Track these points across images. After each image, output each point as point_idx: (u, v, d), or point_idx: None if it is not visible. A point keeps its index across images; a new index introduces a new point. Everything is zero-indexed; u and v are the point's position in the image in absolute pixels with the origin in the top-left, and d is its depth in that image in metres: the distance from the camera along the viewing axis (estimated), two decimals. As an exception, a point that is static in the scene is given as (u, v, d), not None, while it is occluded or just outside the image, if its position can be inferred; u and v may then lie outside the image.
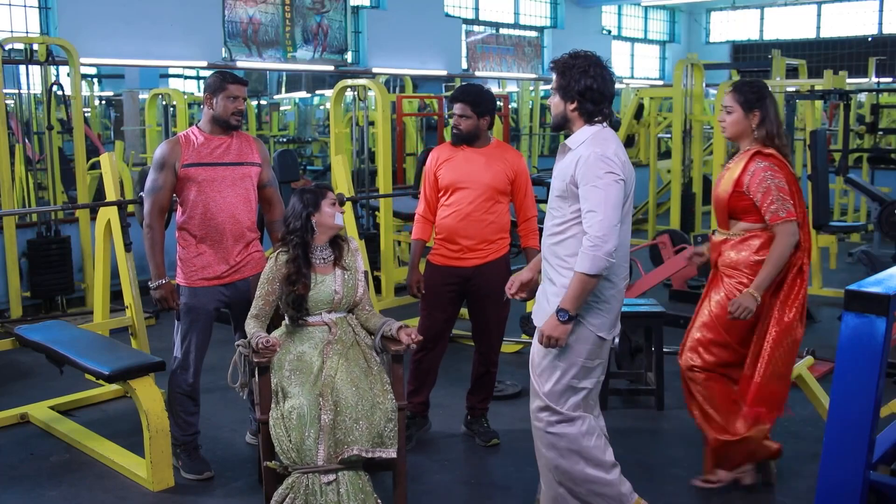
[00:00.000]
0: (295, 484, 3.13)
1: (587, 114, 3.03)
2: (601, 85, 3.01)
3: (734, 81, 3.58)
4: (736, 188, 3.44)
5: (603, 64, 3.05)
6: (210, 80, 3.85)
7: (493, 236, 4.07)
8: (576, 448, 3.08)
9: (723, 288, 3.53)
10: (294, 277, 3.40)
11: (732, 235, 3.51)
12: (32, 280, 6.67)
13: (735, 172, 3.45)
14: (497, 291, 4.09)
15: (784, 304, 3.40)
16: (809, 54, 16.32)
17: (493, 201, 4.03)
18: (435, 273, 4.13)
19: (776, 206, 3.35)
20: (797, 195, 3.42)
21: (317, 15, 10.60)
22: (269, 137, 11.61)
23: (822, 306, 6.83)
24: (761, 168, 3.39)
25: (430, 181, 4.14)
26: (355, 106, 7.84)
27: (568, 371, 3.06)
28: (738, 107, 3.47)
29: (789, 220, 3.34)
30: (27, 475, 3.96)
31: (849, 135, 8.14)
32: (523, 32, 14.38)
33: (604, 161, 2.92)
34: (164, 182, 3.78)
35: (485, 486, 3.82)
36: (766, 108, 3.45)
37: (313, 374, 3.26)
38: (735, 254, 3.48)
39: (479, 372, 4.27)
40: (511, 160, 4.09)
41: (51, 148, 6.78)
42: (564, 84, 3.03)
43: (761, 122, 3.45)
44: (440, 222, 4.11)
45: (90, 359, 3.94)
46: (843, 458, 2.23)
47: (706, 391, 3.59)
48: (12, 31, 8.06)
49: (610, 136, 3.04)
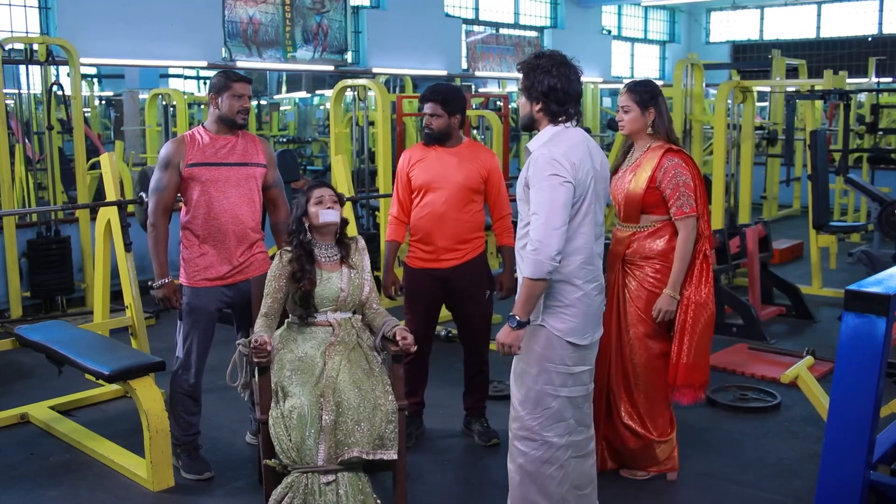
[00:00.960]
0: (294, 483, 3.13)
1: (551, 114, 3.00)
2: (565, 84, 2.97)
3: (629, 82, 3.76)
4: (650, 184, 3.61)
5: (567, 63, 3.01)
6: (214, 79, 3.84)
7: (468, 235, 4.07)
8: (531, 469, 3.04)
9: (634, 279, 3.67)
10: (299, 274, 3.42)
11: (642, 228, 3.68)
12: (32, 280, 6.67)
13: (647, 169, 3.62)
14: (476, 291, 4.12)
15: (698, 284, 3.61)
16: (809, 54, 16.32)
17: (467, 201, 4.04)
18: (413, 276, 4.13)
19: (681, 201, 3.58)
20: (700, 188, 3.66)
21: (317, 15, 10.61)
22: (270, 137, 11.60)
23: (822, 306, 6.83)
24: (672, 165, 3.60)
25: (403, 182, 4.13)
26: (355, 106, 7.84)
27: (539, 377, 3.01)
28: (634, 105, 3.65)
29: (691, 215, 3.59)
30: (27, 475, 3.96)
31: (849, 135, 8.13)
32: (523, 32, 14.39)
33: (549, 163, 2.88)
34: (168, 182, 3.78)
35: (485, 486, 3.82)
36: (659, 106, 3.65)
37: (315, 374, 3.27)
38: (649, 244, 3.65)
39: (472, 372, 4.28)
40: (484, 159, 4.09)
41: (51, 148, 6.78)
42: (529, 84, 3.01)
43: (655, 119, 3.65)
44: (415, 223, 4.11)
45: (90, 359, 3.94)
46: (843, 458, 2.23)
47: (648, 387, 3.71)
48: (12, 31, 8.06)
49: (569, 136, 2.98)
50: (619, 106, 3.71)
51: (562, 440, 3.04)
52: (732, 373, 5.29)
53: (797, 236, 9.38)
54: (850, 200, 10.60)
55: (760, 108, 12.71)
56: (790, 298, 6.68)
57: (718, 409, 4.69)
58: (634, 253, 3.67)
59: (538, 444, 3.03)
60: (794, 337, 6.19)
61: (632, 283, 3.68)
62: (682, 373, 3.61)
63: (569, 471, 3.08)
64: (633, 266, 3.68)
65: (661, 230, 3.65)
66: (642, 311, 3.66)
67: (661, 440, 3.74)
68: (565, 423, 3.05)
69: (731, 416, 4.61)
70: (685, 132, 8.53)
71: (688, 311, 3.60)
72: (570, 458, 3.09)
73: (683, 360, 3.60)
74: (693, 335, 3.59)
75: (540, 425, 3.02)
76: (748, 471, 3.93)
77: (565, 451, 3.06)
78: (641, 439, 3.73)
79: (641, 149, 3.71)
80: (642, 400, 3.72)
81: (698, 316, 3.60)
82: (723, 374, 5.28)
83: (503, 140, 8.21)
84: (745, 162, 8.06)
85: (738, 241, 6.48)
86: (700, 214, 3.63)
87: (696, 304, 3.60)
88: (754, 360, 5.51)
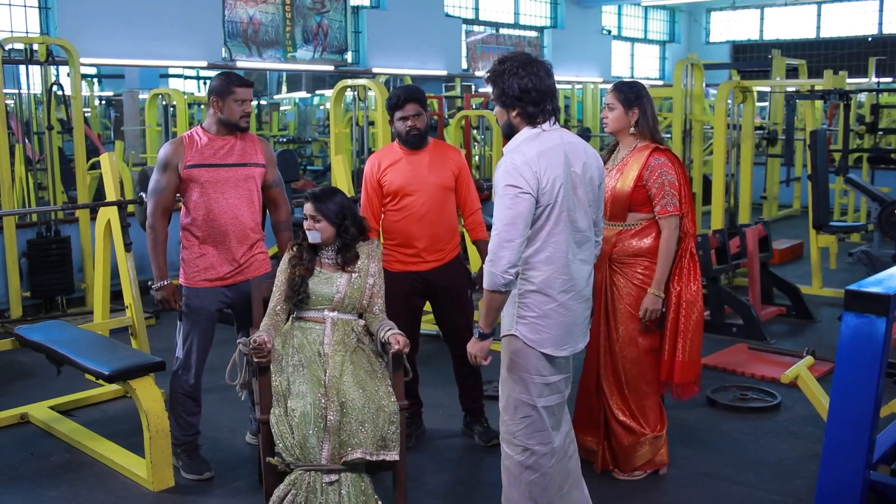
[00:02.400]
0: (297, 481, 3.13)
1: (529, 116, 2.90)
2: (536, 83, 2.86)
3: (616, 82, 3.83)
4: (637, 182, 3.67)
5: (534, 61, 2.90)
6: (215, 82, 3.81)
7: (447, 236, 4.09)
8: (515, 473, 3.05)
9: (622, 277, 3.71)
10: (296, 261, 3.50)
11: (629, 226, 3.73)
12: (32, 280, 6.67)
13: (635, 168, 3.67)
14: (458, 290, 4.12)
15: (688, 282, 3.70)
16: (809, 54, 16.32)
17: (444, 201, 4.05)
18: (394, 280, 3.99)
19: (666, 200, 3.65)
20: (685, 187, 3.72)
21: (317, 15, 10.61)
22: (270, 137, 11.61)
23: (822, 306, 6.83)
24: (659, 164, 3.67)
25: (374, 187, 4.06)
26: (355, 106, 7.85)
27: (516, 386, 2.99)
28: (619, 104, 3.71)
29: (674, 214, 3.66)
30: (27, 475, 3.96)
31: (849, 135, 8.12)
32: (523, 32, 14.39)
33: (509, 173, 2.79)
34: (166, 183, 3.78)
35: (484, 487, 3.82)
36: (643, 106, 3.71)
37: (317, 373, 3.27)
38: (637, 242, 3.71)
39: (463, 373, 4.26)
40: (452, 157, 4.12)
41: (51, 148, 6.78)
42: (500, 92, 2.91)
43: (639, 118, 3.70)
44: (391, 227, 4.08)
45: (90, 359, 3.94)
46: (843, 458, 2.24)
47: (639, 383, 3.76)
48: (12, 31, 8.06)
49: (540, 141, 2.88)
50: (605, 104, 3.78)
51: (544, 448, 3.01)
52: (732, 373, 5.28)
53: (797, 236, 9.38)
54: (850, 200, 10.60)
55: (760, 108, 12.71)
56: (790, 298, 6.68)
57: (718, 409, 4.69)
58: (622, 251, 3.71)
59: (520, 449, 3.02)
60: (794, 337, 6.19)
61: (620, 280, 3.72)
62: (679, 371, 3.69)
63: (554, 476, 3.05)
64: (622, 264, 3.72)
65: (648, 228, 3.70)
66: (632, 308, 3.70)
67: (655, 435, 3.79)
68: (546, 432, 3.01)
69: (731, 416, 4.61)
70: (685, 132, 8.53)
71: (679, 310, 3.68)
72: (556, 465, 3.05)
73: (679, 358, 3.68)
74: (686, 333, 3.68)
75: (522, 433, 3.00)
76: (748, 471, 3.93)
77: (549, 459, 3.02)
78: (636, 435, 3.76)
79: (628, 148, 3.77)
80: (633, 396, 3.76)
81: (689, 313, 3.68)
82: (723, 374, 5.28)
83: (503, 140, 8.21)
84: (745, 162, 8.06)
85: (738, 241, 6.47)
86: (685, 213, 3.71)
87: (686, 301, 3.68)
88: (754, 360, 5.50)
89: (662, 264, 3.66)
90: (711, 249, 6.09)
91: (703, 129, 9.08)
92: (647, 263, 3.69)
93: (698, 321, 3.71)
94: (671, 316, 3.69)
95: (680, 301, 3.68)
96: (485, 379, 4.39)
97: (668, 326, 3.70)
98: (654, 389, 3.80)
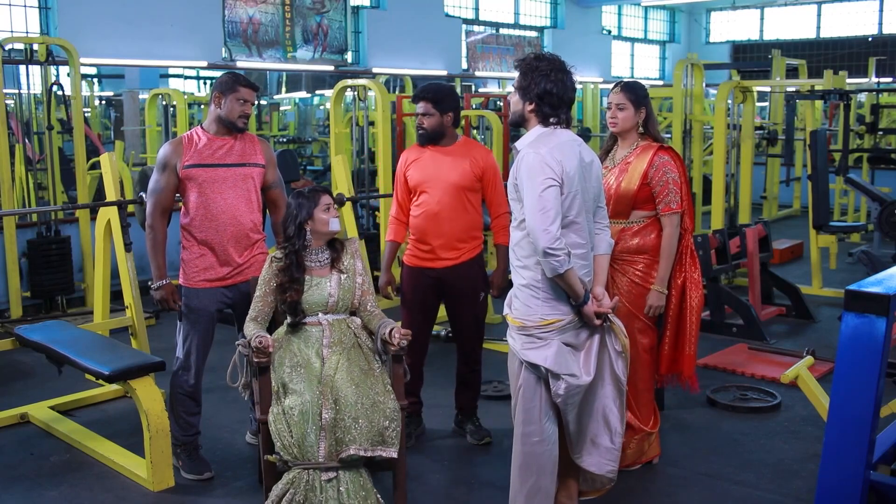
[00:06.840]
0: (296, 479, 3.14)
1: (543, 116, 3.05)
2: (561, 90, 3.02)
3: (622, 82, 3.83)
4: (643, 181, 3.70)
5: (566, 69, 3.06)
6: (222, 78, 3.83)
7: (464, 235, 4.07)
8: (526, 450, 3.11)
9: (623, 274, 3.74)
10: (286, 286, 3.45)
11: (632, 223, 3.76)
12: (32, 280, 6.67)
13: (640, 167, 3.70)
14: (470, 292, 4.12)
15: (690, 268, 3.78)
16: (809, 54, 16.31)
17: (462, 200, 4.04)
18: (410, 274, 4.15)
19: (669, 197, 3.70)
20: (685, 185, 3.78)
21: (317, 15, 10.61)
22: (269, 137, 11.60)
23: (822, 306, 6.83)
24: (663, 162, 3.71)
25: (401, 182, 4.15)
26: (355, 106, 7.84)
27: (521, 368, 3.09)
28: (629, 104, 3.74)
29: (677, 211, 3.72)
30: (27, 475, 3.96)
31: (849, 135, 8.12)
32: (523, 32, 14.39)
33: (536, 164, 2.92)
34: (165, 183, 3.78)
35: (484, 486, 3.82)
36: (649, 106, 3.79)
37: (314, 372, 3.27)
38: (640, 239, 3.74)
39: (464, 372, 4.27)
40: (478, 157, 4.09)
41: (51, 148, 6.78)
42: (525, 84, 3.05)
43: (646, 118, 3.76)
44: (412, 223, 4.13)
45: (90, 359, 3.94)
46: (843, 458, 2.24)
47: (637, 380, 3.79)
48: (12, 31, 8.06)
49: (556, 136, 3.02)
50: (614, 104, 3.76)
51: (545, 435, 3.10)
52: (732, 373, 5.29)
53: (797, 236, 9.38)
54: (850, 200, 10.60)
55: (760, 108, 12.71)
56: (790, 298, 6.68)
57: (718, 409, 4.69)
58: (623, 249, 3.73)
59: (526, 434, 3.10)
60: (794, 337, 6.19)
61: (621, 278, 3.74)
62: (688, 363, 3.80)
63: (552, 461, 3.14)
64: (622, 262, 3.73)
65: (650, 226, 3.74)
66: (632, 306, 3.71)
67: (652, 431, 3.87)
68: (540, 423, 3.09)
69: (731, 416, 4.61)
70: (685, 132, 8.53)
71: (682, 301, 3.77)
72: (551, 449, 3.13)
73: (687, 350, 3.78)
74: (692, 324, 3.78)
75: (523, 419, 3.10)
76: (748, 471, 3.93)
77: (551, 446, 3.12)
78: (632, 430, 3.79)
79: (629, 147, 3.79)
80: (630, 393, 3.74)
81: (697, 311, 3.78)
82: (723, 374, 5.28)
83: (503, 140, 8.20)
84: (745, 162, 8.07)
85: (738, 241, 6.47)
86: (685, 210, 3.76)
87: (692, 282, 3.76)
88: (754, 360, 5.51)
89: (665, 261, 3.70)
90: (711, 249, 6.09)
91: (703, 129, 9.08)
92: (647, 261, 3.73)
93: (699, 307, 3.79)
94: (673, 309, 3.75)
95: (682, 292, 3.75)
96: (485, 379, 4.40)
97: (671, 319, 3.77)
98: (649, 387, 3.86)
